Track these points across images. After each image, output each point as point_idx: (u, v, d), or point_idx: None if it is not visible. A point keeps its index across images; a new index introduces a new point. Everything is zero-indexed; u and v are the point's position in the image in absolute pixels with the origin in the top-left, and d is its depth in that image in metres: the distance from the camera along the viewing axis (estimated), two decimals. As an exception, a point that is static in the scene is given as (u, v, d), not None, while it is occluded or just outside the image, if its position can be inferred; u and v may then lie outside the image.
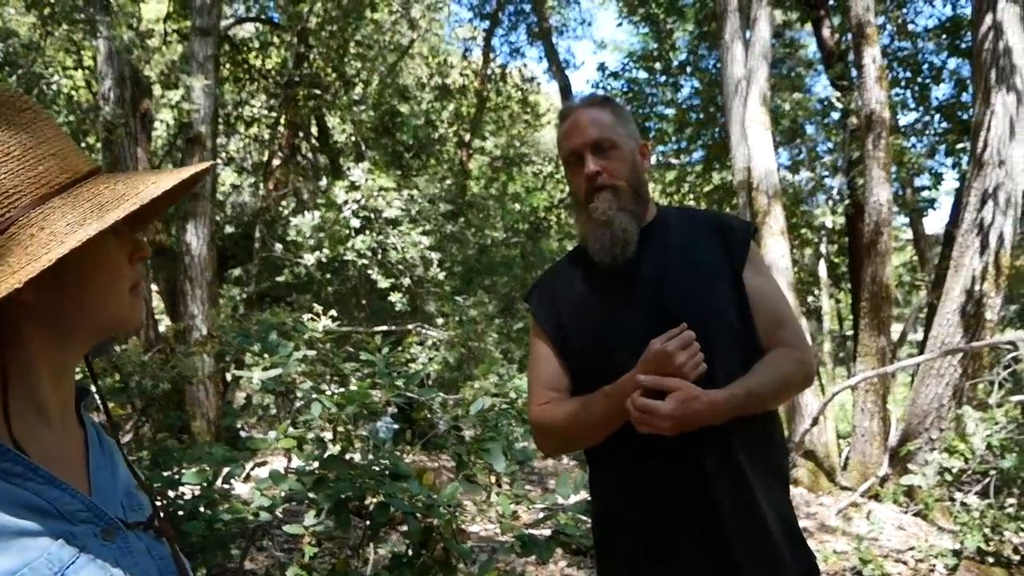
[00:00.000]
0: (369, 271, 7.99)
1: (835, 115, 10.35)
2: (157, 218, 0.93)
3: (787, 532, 1.48)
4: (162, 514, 0.83)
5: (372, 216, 8.02)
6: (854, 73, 8.36)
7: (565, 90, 13.24)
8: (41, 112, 0.73)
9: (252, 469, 2.48)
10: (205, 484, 2.33)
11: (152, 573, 0.76)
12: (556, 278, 1.69)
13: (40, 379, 0.72)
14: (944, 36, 10.09)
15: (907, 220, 12.30)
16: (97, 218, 0.65)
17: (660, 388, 1.33)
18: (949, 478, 4.90)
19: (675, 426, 1.32)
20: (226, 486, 2.41)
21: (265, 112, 11.54)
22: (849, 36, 7.84)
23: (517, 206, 14.08)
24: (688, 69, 12.96)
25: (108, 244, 0.72)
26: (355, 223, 7.75)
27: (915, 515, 5.21)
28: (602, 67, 12.96)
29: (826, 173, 10.98)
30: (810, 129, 11.11)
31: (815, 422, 6.11)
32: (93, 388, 0.88)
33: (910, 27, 10.95)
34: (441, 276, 8.61)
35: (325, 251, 7.66)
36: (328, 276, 9.20)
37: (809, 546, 1.54)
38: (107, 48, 7.35)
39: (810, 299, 11.52)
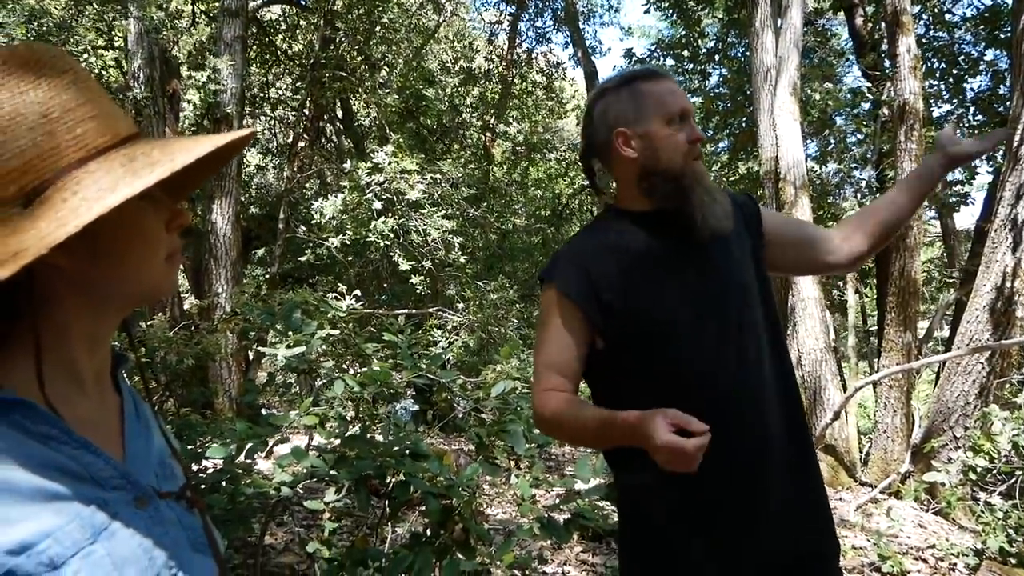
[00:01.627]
0: (391, 253, 8.02)
1: (866, 106, 10.17)
2: (198, 186, 0.91)
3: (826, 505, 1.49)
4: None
5: (395, 199, 8.04)
6: (887, 63, 8.21)
7: (591, 76, 13.13)
8: (82, 73, 0.71)
9: (274, 445, 2.51)
10: (228, 458, 2.36)
11: (182, 543, 0.75)
12: (592, 251, 1.50)
13: (75, 344, 0.72)
14: (982, 26, 9.85)
15: (935, 215, 12.09)
16: (128, 184, 0.63)
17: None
18: (973, 477, 4.83)
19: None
20: (248, 461, 2.44)
21: (291, 94, 11.59)
22: (883, 25, 7.67)
23: (539, 192, 14.03)
24: (716, 57, 12.81)
25: (144, 211, 0.72)
26: (378, 205, 7.77)
27: (936, 513, 5.15)
28: (629, 53, 12.85)
29: (855, 165, 10.81)
30: (839, 120, 10.94)
31: (836, 416, 6.05)
32: (132, 356, 0.87)
33: (947, 16, 10.71)
34: (463, 260, 8.62)
35: (348, 233, 7.69)
36: (350, 258, 9.25)
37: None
38: (137, 28, 7.42)
39: (835, 293, 11.38)
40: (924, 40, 10.34)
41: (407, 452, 2.04)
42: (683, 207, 1.44)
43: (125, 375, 0.84)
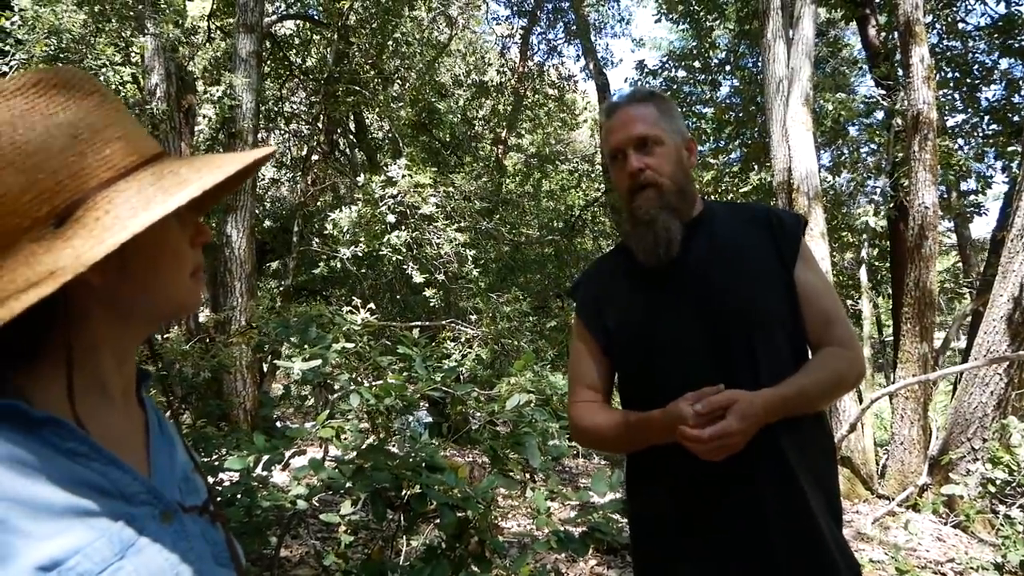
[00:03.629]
0: (404, 266, 8.05)
1: (879, 116, 10.13)
2: (218, 202, 0.93)
3: (837, 536, 1.45)
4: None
5: (408, 212, 8.08)
6: (900, 73, 8.18)
7: (603, 88, 13.17)
8: (109, 95, 0.73)
9: (291, 458, 2.52)
10: (244, 471, 2.37)
11: (206, 557, 0.76)
12: (600, 276, 1.67)
13: (104, 361, 0.73)
14: (996, 35, 9.81)
15: (951, 225, 12.00)
16: (161, 202, 0.65)
17: (716, 410, 1.29)
18: (992, 489, 4.78)
19: (744, 440, 1.29)
20: (264, 473, 2.45)
21: (305, 108, 11.69)
22: (896, 35, 7.66)
23: (552, 204, 14.06)
24: (727, 67, 12.81)
25: (171, 228, 0.73)
26: (391, 218, 7.81)
27: (955, 526, 5.08)
28: (640, 65, 12.87)
29: (868, 175, 10.75)
30: (852, 130, 10.89)
31: (852, 428, 6.00)
32: (152, 370, 0.89)
33: (960, 25, 10.67)
34: (476, 272, 8.64)
35: (362, 245, 7.73)
36: (363, 271, 9.29)
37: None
38: (154, 44, 7.52)
39: (849, 303, 11.30)
40: (938, 49, 10.30)
41: (423, 464, 2.05)
42: (626, 238, 1.57)
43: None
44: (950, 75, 10.38)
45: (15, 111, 0.66)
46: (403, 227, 7.99)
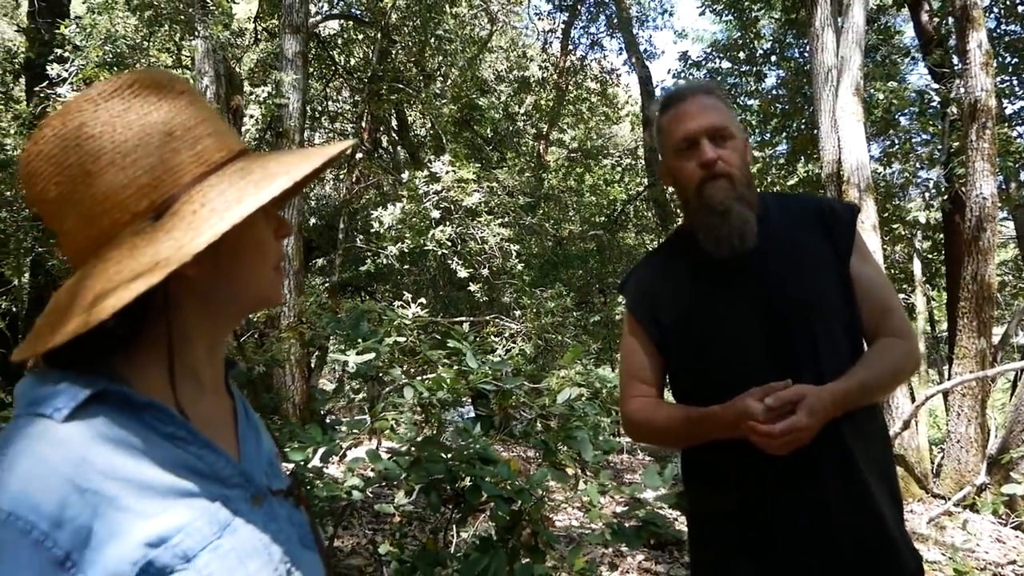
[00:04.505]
0: (448, 261, 8.11)
1: (933, 105, 9.84)
2: (295, 196, 0.96)
3: (901, 527, 1.44)
4: None
5: (452, 207, 8.13)
6: (956, 60, 7.94)
7: (645, 81, 13.06)
8: (196, 94, 0.76)
9: (347, 450, 2.58)
10: (300, 463, 2.43)
11: (292, 539, 0.79)
12: (653, 270, 1.65)
13: (196, 351, 0.77)
14: (1057, 19, 9.45)
15: (1008, 216, 11.58)
16: (253, 195, 0.67)
17: (785, 405, 1.28)
18: (1055, 489, 4.63)
19: (812, 435, 1.28)
20: (319, 465, 2.51)
21: (349, 107, 11.84)
22: (951, 20, 7.44)
23: (594, 199, 13.99)
24: (773, 58, 12.57)
25: (257, 221, 0.76)
26: (435, 214, 7.87)
27: (1016, 527, 4.94)
28: (684, 56, 12.72)
29: (920, 166, 10.46)
30: (904, 120, 10.60)
31: (906, 425, 5.86)
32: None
33: (1019, 8, 10.29)
34: (519, 267, 8.65)
35: (407, 241, 7.81)
36: (407, 266, 9.38)
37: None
38: (204, 47, 7.69)
39: (901, 296, 11.03)
40: (995, 34, 9.95)
41: (476, 457, 2.08)
42: (695, 232, 1.51)
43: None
44: (1008, 60, 10.03)
45: (113, 112, 0.70)
46: (447, 222, 8.05)
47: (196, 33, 7.60)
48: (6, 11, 12.41)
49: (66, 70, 6.38)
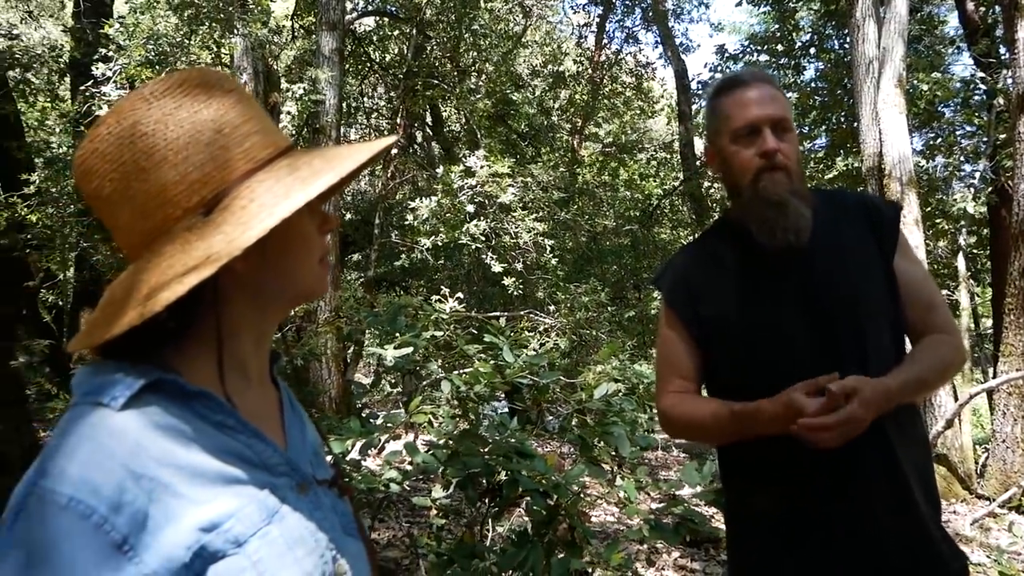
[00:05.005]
0: (482, 256, 8.13)
1: (977, 96, 9.57)
2: (340, 191, 0.98)
3: (941, 528, 1.41)
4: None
5: (486, 202, 8.14)
6: (1003, 50, 7.71)
7: (681, 75, 12.93)
8: (244, 91, 0.78)
9: (385, 443, 2.61)
10: (339, 455, 2.47)
11: (337, 528, 0.81)
12: (693, 262, 1.60)
13: (244, 343, 0.79)
14: (1111, 6, 9.10)
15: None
16: (300, 190, 0.69)
17: (837, 399, 1.25)
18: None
19: (864, 428, 1.26)
20: (358, 457, 2.54)
21: (384, 103, 11.93)
22: (998, 9, 7.22)
23: (629, 193, 13.90)
24: (812, 50, 12.35)
25: (303, 216, 0.77)
26: (470, 208, 7.90)
27: (1064, 529, 4.80)
28: (721, 49, 12.57)
29: (964, 159, 10.19)
30: (947, 112, 10.33)
31: (949, 424, 5.73)
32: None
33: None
34: (554, 262, 8.64)
35: (441, 236, 7.85)
36: (441, 261, 9.42)
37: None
38: (243, 44, 7.81)
39: (944, 293, 10.76)
40: (1045, 23, 9.63)
41: (514, 451, 2.08)
42: (747, 223, 1.47)
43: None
44: (1059, 50, 9.69)
45: (165, 110, 0.72)
46: (481, 217, 8.06)
47: (235, 31, 7.71)
48: (52, 12, 12.74)
49: (110, 69, 6.52)
